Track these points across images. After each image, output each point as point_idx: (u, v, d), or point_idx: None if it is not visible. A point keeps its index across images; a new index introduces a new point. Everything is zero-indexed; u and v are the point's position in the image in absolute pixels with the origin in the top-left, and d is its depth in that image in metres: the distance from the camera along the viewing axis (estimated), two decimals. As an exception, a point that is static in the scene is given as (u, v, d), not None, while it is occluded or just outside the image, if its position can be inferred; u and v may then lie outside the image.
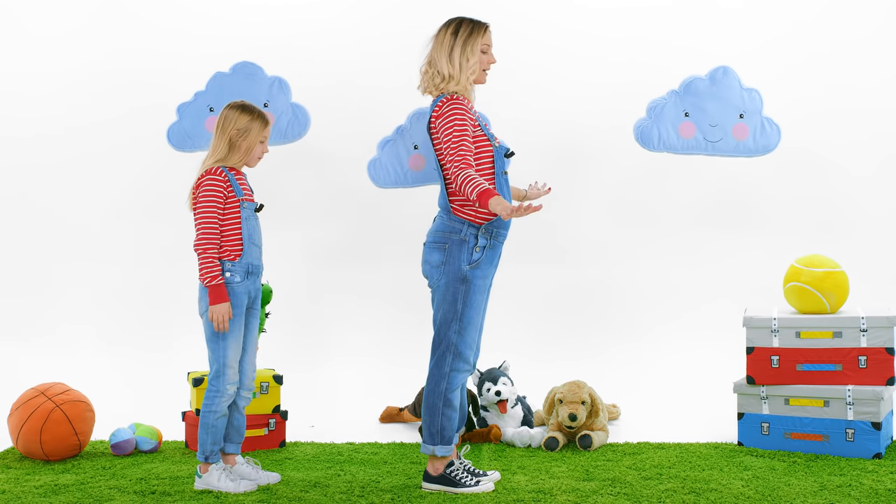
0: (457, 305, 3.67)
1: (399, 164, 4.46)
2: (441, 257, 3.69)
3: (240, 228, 3.82)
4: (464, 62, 3.72)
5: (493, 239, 3.72)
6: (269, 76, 4.77)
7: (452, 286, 3.67)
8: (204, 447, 3.81)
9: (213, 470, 3.81)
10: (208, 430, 3.81)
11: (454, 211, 3.70)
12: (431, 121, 3.73)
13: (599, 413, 4.57)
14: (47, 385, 4.42)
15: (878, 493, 3.61)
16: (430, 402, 3.73)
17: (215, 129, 3.86)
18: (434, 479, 3.76)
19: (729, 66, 4.65)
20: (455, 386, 3.71)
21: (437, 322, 3.72)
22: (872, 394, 4.18)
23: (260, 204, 3.92)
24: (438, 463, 3.76)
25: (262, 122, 3.88)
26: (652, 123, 4.59)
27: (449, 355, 3.69)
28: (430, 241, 3.74)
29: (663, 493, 3.66)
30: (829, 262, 4.49)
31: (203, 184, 3.77)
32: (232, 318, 3.76)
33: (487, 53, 3.79)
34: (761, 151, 4.73)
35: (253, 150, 3.88)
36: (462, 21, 3.77)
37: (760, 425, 4.38)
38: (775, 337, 4.39)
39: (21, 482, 3.92)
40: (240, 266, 3.81)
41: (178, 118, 4.75)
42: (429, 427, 3.74)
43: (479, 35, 3.75)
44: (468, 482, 3.73)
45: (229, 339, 3.78)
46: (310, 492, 3.75)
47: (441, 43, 3.75)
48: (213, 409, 3.80)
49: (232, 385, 3.81)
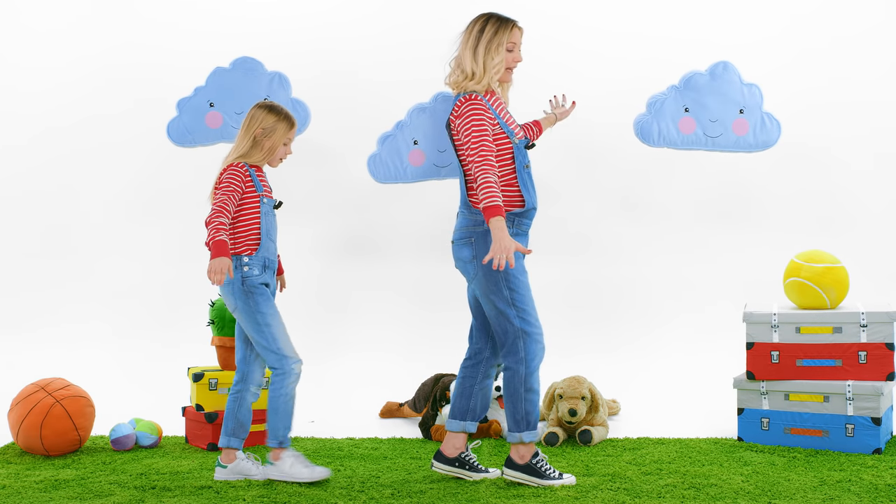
0: (503, 293, 3.66)
1: (399, 160, 4.45)
2: (471, 252, 3.70)
3: (258, 223, 3.85)
4: (488, 60, 3.70)
5: (517, 227, 3.71)
6: (269, 71, 4.76)
7: (491, 276, 3.66)
8: (276, 432, 3.82)
9: (286, 457, 3.82)
10: (279, 415, 3.81)
11: (474, 205, 3.70)
12: (451, 120, 3.74)
13: (599, 408, 4.57)
14: (48, 380, 4.42)
15: (878, 489, 3.61)
16: (511, 389, 3.71)
17: (241, 127, 3.91)
18: (519, 468, 3.74)
19: (729, 62, 4.65)
20: (533, 368, 3.69)
21: (493, 315, 3.71)
22: (872, 389, 4.18)
23: (279, 201, 3.96)
24: (525, 450, 3.74)
25: (287, 124, 3.93)
26: (652, 119, 4.58)
27: (520, 341, 3.68)
28: (457, 238, 3.76)
29: (663, 488, 3.67)
30: (829, 258, 4.49)
31: (224, 176, 3.82)
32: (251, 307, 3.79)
33: (514, 52, 3.76)
34: (761, 147, 4.72)
35: (276, 150, 3.92)
36: (489, 18, 3.74)
37: (760, 420, 4.38)
38: (775, 332, 4.39)
39: (21, 477, 3.92)
40: (257, 259, 3.83)
41: (177, 113, 4.75)
42: (513, 414, 3.72)
43: (506, 32, 3.72)
44: (553, 475, 3.72)
45: (272, 324, 3.80)
46: (310, 487, 3.76)
47: (467, 40, 3.74)
48: (282, 391, 3.81)
49: (297, 364, 3.82)
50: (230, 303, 3.84)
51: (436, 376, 4.92)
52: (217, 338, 4.56)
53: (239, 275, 3.80)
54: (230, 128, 4.75)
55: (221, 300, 4.57)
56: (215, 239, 3.67)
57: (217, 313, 4.54)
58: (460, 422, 3.87)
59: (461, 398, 3.88)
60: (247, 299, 3.80)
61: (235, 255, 3.81)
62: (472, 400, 3.87)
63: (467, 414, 3.87)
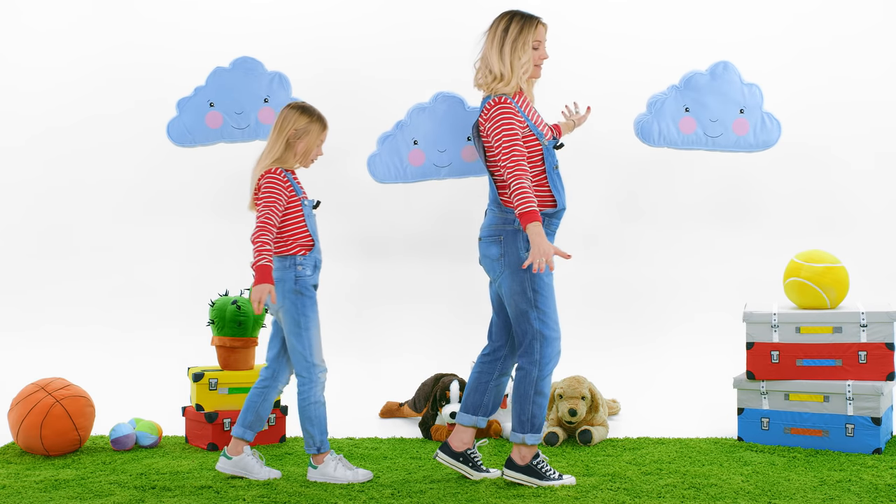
0: (527, 294, 3.66)
1: (398, 160, 4.45)
2: (499, 250, 3.69)
3: (305, 224, 3.84)
4: (515, 60, 3.69)
5: (546, 227, 3.70)
6: (270, 71, 4.76)
7: (517, 276, 3.66)
8: (312, 439, 3.83)
9: (329, 460, 3.83)
10: (312, 422, 3.82)
11: (505, 203, 3.70)
12: (480, 122, 3.73)
13: (599, 408, 4.57)
14: (48, 380, 4.42)
15: (878, 489, 3.61)
16: (521, 390, 3.71)
17: (273, 129, 3.88)
18: (519, 469, 3.74)
19: (729, 61, 4.64)
20: (546, 373, 3.70)
21: (515, 315, 3.71)
22: (872, 389, 4.18)
23: (317, 201, 3.95)
24: (526, 451, 3.74)
25: (321, 125, 3.91)
26: (652, 118, 4.58)
27: (536, 343, 3.68)
28: (486, 236, 3.75)
29: (663, 488, 3.66)
30: (829, 258, 4.49)
31: (263, 184, 3.78)
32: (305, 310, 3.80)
33: (539, 49, 3.76)
34: (761, 147, 4.72)
35: (311, 152, 3.90)
36: (514, 16, 3.73)
37: (760, 420, 4.38)
38: (775, 332, 4.39)
39: (21, 477, 3.92)
40: (309, 260, 3.83)
41: (177, 113, 4.75)
42: (519, 415, 3.73)
43: (530, 30, 3.71)
44: (553, 475, 3.73)
45: (312, 329, 3.81)
46: (310, 487, 3.76)
47: (492, 40, 3.72)
48: (310, 399, 3.81)
49: (323, 373, 3.84)
50: (276, 302, 3.83)
51: (436, 376, 4.92)
52: (217, 338, 4.56)
53: (292, 274, 3.79)
54: (230, 128, 4.75)
55: (221, 300, 4.57)
56: (258, 264, 3.65)
57: (217, 313, 4.54)
58: (472, 416, 3.87)
59: (475, 393, 3.88)
60: (295, 300, 3.79)
61: (289, 256, 3.80)
62: (485, 395, 3.87)
63: (479, 409, 3.87)
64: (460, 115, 4.52)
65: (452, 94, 4.71)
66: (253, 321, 4.57)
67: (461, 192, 6.31)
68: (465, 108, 4.67)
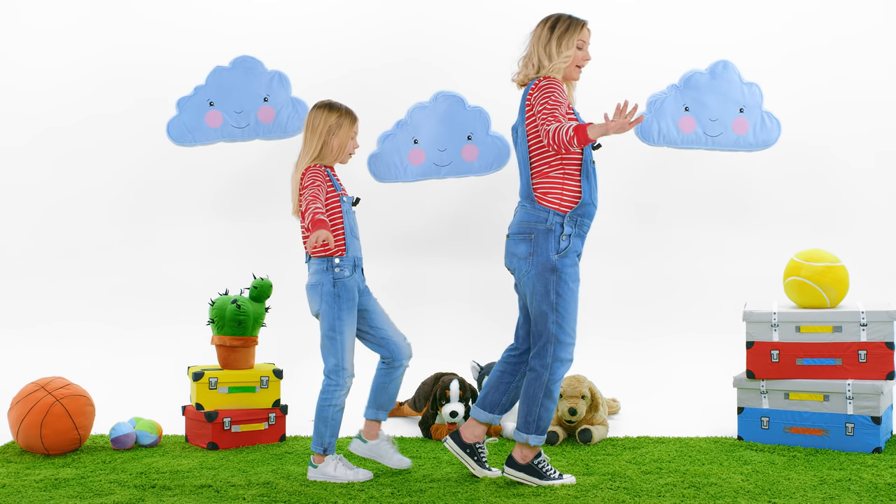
0: (550, 296, 3.65)
1: (399, 159, 4.46)
2: (528, 248, 3.68)
3: (342, 222, 3.85)
4: (558, 54, 3.71)
5: (578, 227, 3.70)
6: (269, 70, 4.77)
7: (543, 277, 3.65)
8: (322, 439, 3.84)
9: (330, 460, 3.84)
10: (327, 424, 3.83)
11: (538, 200, 3.68)
12: (528, 100, 3.71)
13: (599, 407, 4.57)
14: (48, 379, 4.42)
15: (878, 488, 3.61)
16: (530, 391, 3.72)
17: (305, 130, 3.91)
18: (520, 467, 3.75)
19: (729, 61, 4.65)
20: (558, 377, 3.71)
21: (534, 315, 3.71)
22: (872, 388, 4.18)
23: (357, 198, 3.95)
24: (528, 451, 3.75)
25: (351, 119, 3.95)
26: (652, 118, 4.59)
27: (551, 346, 3.68)
28: (515, 233, 3.74)
29: (663, 487, 3.67)
30: (829, 257, 4.49)
31: (306, 177, 3.81)
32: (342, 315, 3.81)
33: (583, 50, 3.78)
34: (761, 146, 4.73)
35: (346, 146, 3.92)
36: (560, 17, 3.78)
37: (760, 420, 4.38)
38: (775, 331, 4.39)
39: (21, 476, 3.92)
40: (347, 260, 3.83)
41: (177, 112, 4.75)
42: (525, 416, 3.73)
43: (576, 31, 3.75)
44: (553, 475, 3.74)
45: (346, 333, 3.82)
46: (310, 486, 3.76)
47: (538, 38, 3.76)
48: (332, 402, 3.83)
49: (350, 378, 3.85)
50: (314, 305, 3.85)
51: (436, 375, 4.92)
52: (217, 337, 4.56)
53: (330, 276, 3.79)
54: (230, 127, 4.76)
55: (221, 299, 4.57)
56: (314, 218, 3.63)
57: (217, 312, 4.54)
58: (488, 413, 3.87)
59: (495, 391, 3.88)
60: (333, 303, 3.80)
61: (326, 258, 3.80)
62: (504, 395, 3.88)
63: (496, 407, 3.87)
64: (460, 115, 4.53)
65: (453, 93, 4.72)
66: (253, 320, 4.57)
67: (461, 192, 6.31)
68: (466, 107, 4.68)
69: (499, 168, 4.88)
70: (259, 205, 6.36)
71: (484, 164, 4.82)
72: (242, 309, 4.53)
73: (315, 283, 3.82)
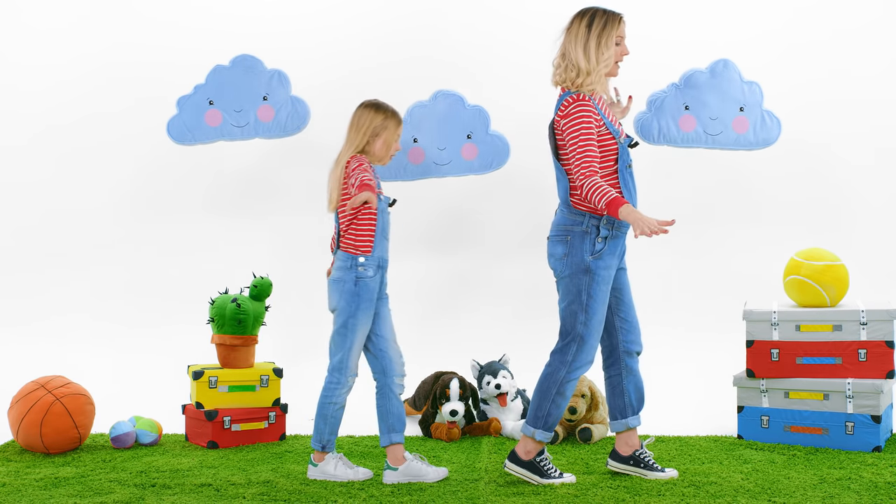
0: (581, 297, 3.67)
1: (398, 158, 4.45)
2: (564, 249, 3.70)
3: (374, 221, 3.84)
4: (599, 55, 3.67)
5: (616, 229, 3.70)
6: (269, 69, 4.76)
7: (576, 277, 3.67)
8: (321, 436, 3.84)
9: (330, 458, 3.84)
10: (326, 421, 3.83)
11: (574, 204, 3.70)
12: (556, 120, 3.71)
13: (599, 406, 4.57)
14: (47, 378, 4.42)
15: (878, 487, 3.61)
16: (544, 386, 3.73)
17: (349, 128, 3.92)
18: (521, 463, 3.75)
19: (729, 59, 4.63)
20: (574, 377, 3.71)
21: (563, 312, 3.72)
22: (872, 387, 4.18)
23: (393, 199, 3.96)
24: (532, 447, 3.75)
25: (396, 121, 3.95)
26: (652, 116, 4.57)
27: (574, 345, 3.69)
28: (553, 235, 3.76)
29: (663, 486, 3.67)
30: (829, 256, 4.49)
31: (353, 164, 3.80)
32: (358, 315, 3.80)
33: (621, 45, 3.75)
34: (761, 145, 4.72)
35: (390, 147, 3.93)
36: (596, 12, 3.71)
37: (760, 418, 4.38)
38: (775, 330, 4.39)
39: (21, 475, 3.92)
40: (372, 260, 3.82)
41: (177, 111, 4.74)
42: (535, 410, 3.74)
43: (614, 27, 3.70)
44: (554, 474, 3.74)
45: (358, 332, 3.81)
46: (310, 485, 3.76)
47: (575, 35, 3.69)
48: (332, 399, 3.83)
49: (353, 377, 3.83)
50: (333, 300, 3.83)
51: (436, 374, 4.92)
52: (217, 335, 4.56)
53: (353, 275, 3.79)
54: (230, 126, 4.75)
55: (221, 298, 4.57)
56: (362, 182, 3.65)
57: (217, 311, 4.54)
58: (621, 420, 3.87)
59: (613, 397, 3.88)
60: (351, 300, 3.79)
61: (351, 255, 3.80)
62: (625, 396, 3.86)
63: (626, 410, 3.87)
64: (460, 114, 4.52)
65: (452, 92, 4.71)
66: (253, 319, 4.57)
67: (461, 191, 6.31)
68: (465, 106, 4.67)
69: (498, 167, 4.87)
70: (258, 203, 6.36)
71: (484, 162, 4.82)
72: (242, 308, 4.53)
73: (337, 278, 3.82)
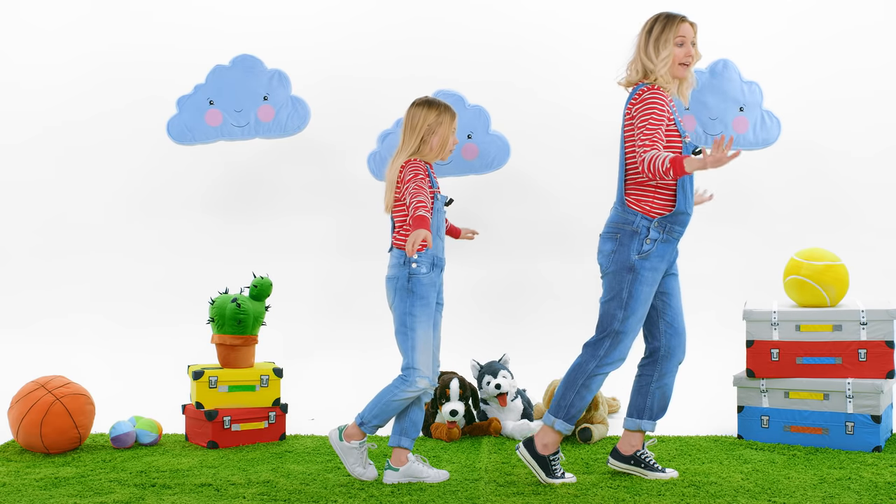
0: (622, 294, 3.68)
1: (397, 158, 4.45)
2: (612, 246, 3.72)
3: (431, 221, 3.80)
4: (656, 56, 3.71)
5: (667, 234, 3.71)
6: (269, 69, 4.77)
7: (620, 275, 3.68)
8: (369, 415, 3.80)
9: (353, 448, 3.82)
10: (379, 406, 3.79)
11: (628, 203, 3.71)
12: (629, 108, 3.72)
13: (599, 406, 4.57)
14: (48, 378, 4.42)
15: (878, 486, 3.61)
16: (572, 377, 3.74)
17: (403, 128, 3.90)
18: (535, 455, 3.76)
19: (729, 60, 4.64)
20: (603, 372, 3.72)
21: (602, 307, 3.74)
22: (872, 387, 4.18)
23: (450, 198, 3.95)
24: (551, 440, 3.76)
25: (450, 116, 3.92)
26: (652, 116, 4.57)
27: (608, 340, 3.71)
28: (605, 232, 3.78)
29: (663, 486, 3.67)
30: (829, 256, 4.49)
31: (408, 169, 3.79)
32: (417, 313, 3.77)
33: (683, 46, 3.74)
34: (761, 145, 4.73)
35: (447, 143, 3.91)
36: (657, 17, 3.76)
37: (760, 418, 4.38)
38: (775, 330, 4.39)
39: (21, 475, 3.92)
40: (426, 257, 3.80)
41: (177, 111, 4.75)
42: (559, 399, 3.75)
43: (672, 27, 3.72)
44: (558, 475, 3.75)
45: (418, 330, 3.77)
46: (310, 485, 3.76)
47: (640, 43, 3.77)
48: (397, 396, 3.78)
49: (423, 380, 3.78)
50: (389, 297, 3.83)
51: (436, 374, 4.91)
52: (217, 335, 4.56)
53: (406, 271, 3.77)
54: (230, 125, 4.76)
55: (221, 298, 4.57)
56: (415, 215, 3.63)
57: (217, 311, 4.54)
58: (636, 420, 3.87)
59: (638, 396, 3.88)
60: (405, 297, 3.77)
61: (404, 253, 3.78)
62: (648, 398, 3.86)
63: (644, 412, 3.87)
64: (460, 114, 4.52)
65: (452, 91, 4.71)
66: (253, 319, 4.57)
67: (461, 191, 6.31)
68: (466, 106, 4.68)
69: (499, 167, 4.88)
70: (258, 203, 6.36)
71: (484, 162, 4.83)
72: (242, 308, 4.53)
73: (391, 276, 3.81)
